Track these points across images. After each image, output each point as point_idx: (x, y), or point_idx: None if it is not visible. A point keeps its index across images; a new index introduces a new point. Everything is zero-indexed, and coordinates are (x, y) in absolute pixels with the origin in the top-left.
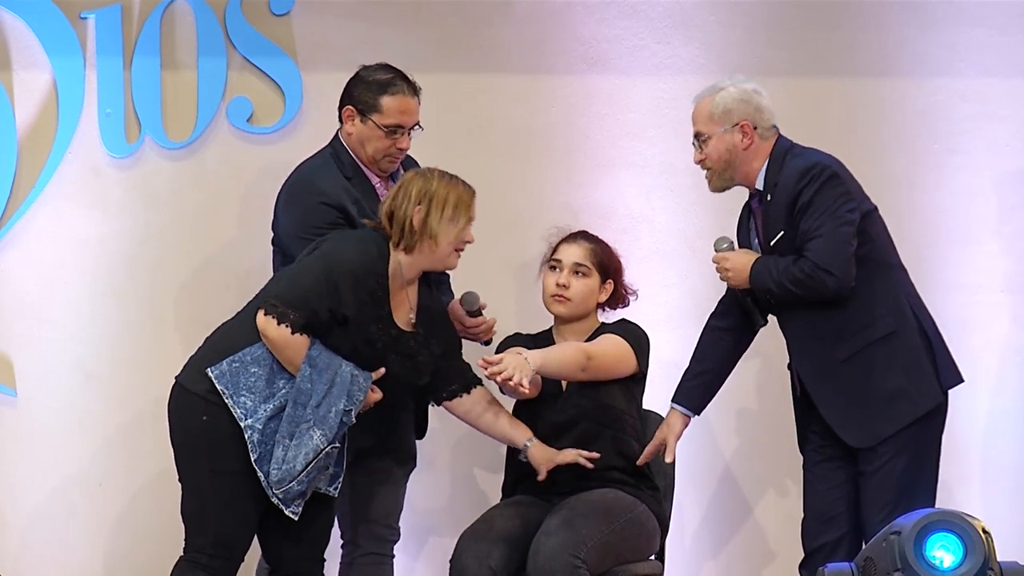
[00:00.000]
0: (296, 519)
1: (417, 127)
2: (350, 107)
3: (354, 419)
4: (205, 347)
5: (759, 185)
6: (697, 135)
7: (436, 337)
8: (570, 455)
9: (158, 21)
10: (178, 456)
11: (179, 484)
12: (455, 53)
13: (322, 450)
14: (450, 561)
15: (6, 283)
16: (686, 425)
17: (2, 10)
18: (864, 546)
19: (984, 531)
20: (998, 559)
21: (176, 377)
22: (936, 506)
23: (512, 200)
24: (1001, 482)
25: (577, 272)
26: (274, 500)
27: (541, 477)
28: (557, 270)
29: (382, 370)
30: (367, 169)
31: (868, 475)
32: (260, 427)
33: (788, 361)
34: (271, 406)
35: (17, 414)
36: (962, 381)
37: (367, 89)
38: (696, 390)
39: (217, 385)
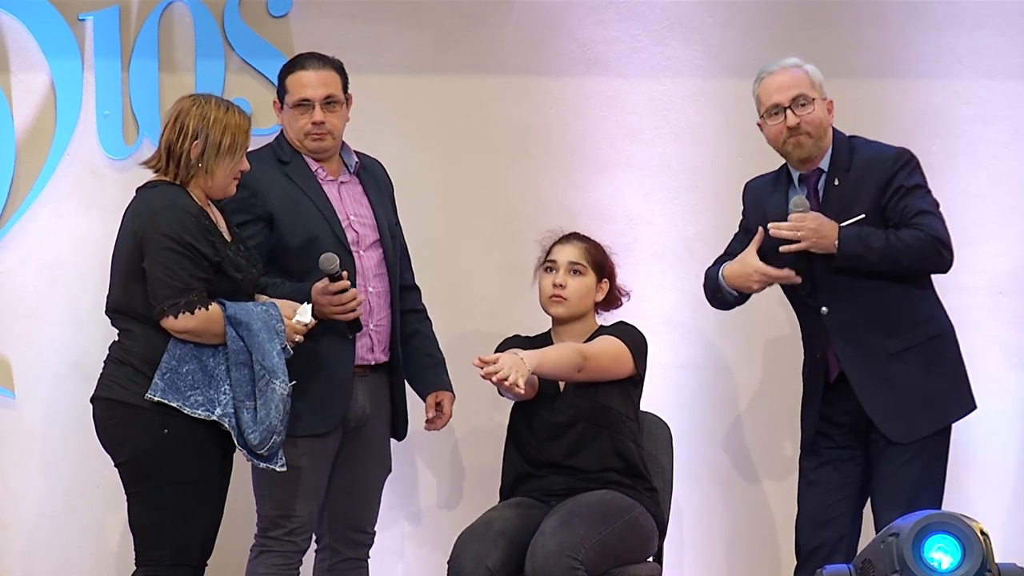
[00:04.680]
0: (286, 470)
1: (332, 101)
2: (275, 100)
3: (291, 350)
4: (122, 368)
5: (823, 165)
6: (797, 99)
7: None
8: None
9: (156, 23)
10: (129, 471)
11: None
12: (453, 54)
13: (287, 393)
14: (448, 562)
15: (4, 284)
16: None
17: (0, 12)
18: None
19: (982, 533)
20: (996, 561)
21: (102, 395)
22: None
23: (510, 201)
24: (1000, 484)
25: (573, 271)
26: (261, 465)
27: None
28: (553, 271)
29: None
30: (306, 156)
31: (886, 475)
32: (232, 410)
33: (816, 351)
34: (226, 386)
35: (15, 415)
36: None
37: (280, 77)
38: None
39: (165, 400)
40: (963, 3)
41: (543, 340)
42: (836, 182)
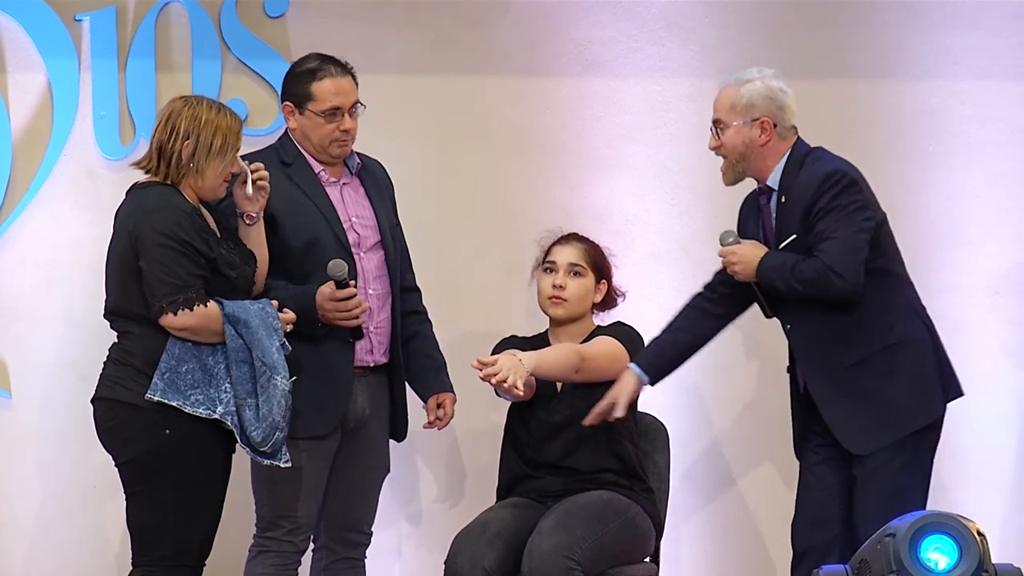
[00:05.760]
0: (291, 466)
1: (359, 106)
2: (287, 103)
3: (289, 346)
4: (124, 369)
5: (772, 183)
6: (716, 122)
7: (224, 226)
8: None
9: (153, 23)
10: (131, 471)
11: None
12: (450, 55)
13: (288, 389)
14: (445, 563)
15: (1, 285)
16: (640, 389)
17: None
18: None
19: (979, 533)
20: (993, 561)
21: (104, 396)
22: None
23: (507, 202)
24: (997, 484)
25: (573, 272)
26: (265, 462)
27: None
28: (552, 272)
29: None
30: (309, 157)
31: (861, 480)
32: (234, 409)
33: (788, 364)
34: (227, 384)
35: (12, 415)
36: (963, 394)
37: (298, 81)
38: (661, 359)
39: (165, 400)
40: (959, 4)
41: (540, 341)
42: (783, 199)
